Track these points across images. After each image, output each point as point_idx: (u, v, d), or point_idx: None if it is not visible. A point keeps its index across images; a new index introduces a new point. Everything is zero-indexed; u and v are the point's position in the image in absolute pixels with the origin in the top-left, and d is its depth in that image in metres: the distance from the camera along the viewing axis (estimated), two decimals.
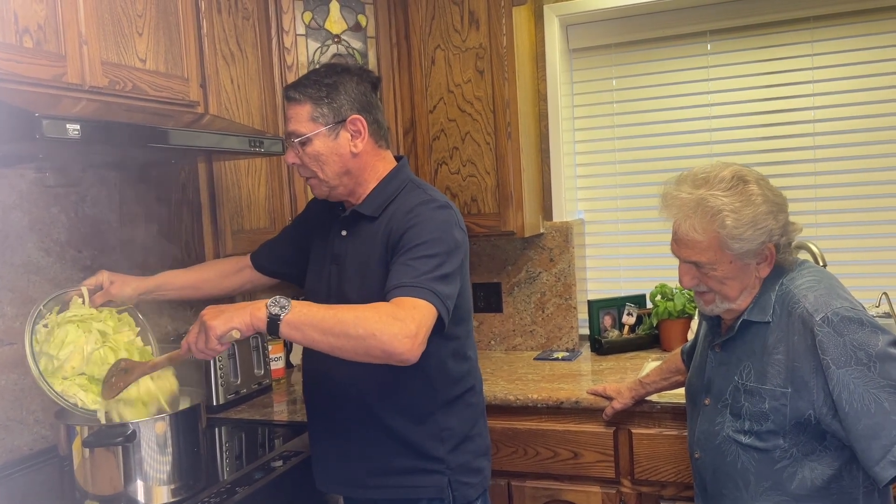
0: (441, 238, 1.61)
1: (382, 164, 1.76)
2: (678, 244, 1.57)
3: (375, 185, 1.74)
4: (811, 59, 2.69)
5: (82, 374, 1.60)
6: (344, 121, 1.68)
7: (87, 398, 1.59)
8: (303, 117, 1.68)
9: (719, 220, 1.48)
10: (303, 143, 1.68)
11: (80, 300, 1.71)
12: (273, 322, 1.41)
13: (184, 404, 1.72)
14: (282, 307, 1.42)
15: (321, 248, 1.83)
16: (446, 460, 1.71)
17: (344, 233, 1.77)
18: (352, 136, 1.69)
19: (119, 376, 1.59)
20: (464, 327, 1.77)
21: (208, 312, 1.44)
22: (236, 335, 1.42)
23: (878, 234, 2.67)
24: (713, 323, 1.68)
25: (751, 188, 1.50)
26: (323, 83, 1.68)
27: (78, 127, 1.38)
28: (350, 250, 1.74)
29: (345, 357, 1.45)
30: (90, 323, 1.65)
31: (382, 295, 1.54)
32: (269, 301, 1.43)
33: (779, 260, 1.55)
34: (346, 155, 1.69)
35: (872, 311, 2.32)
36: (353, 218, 1.75)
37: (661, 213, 1.58)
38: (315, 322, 1.42)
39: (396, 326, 1.42)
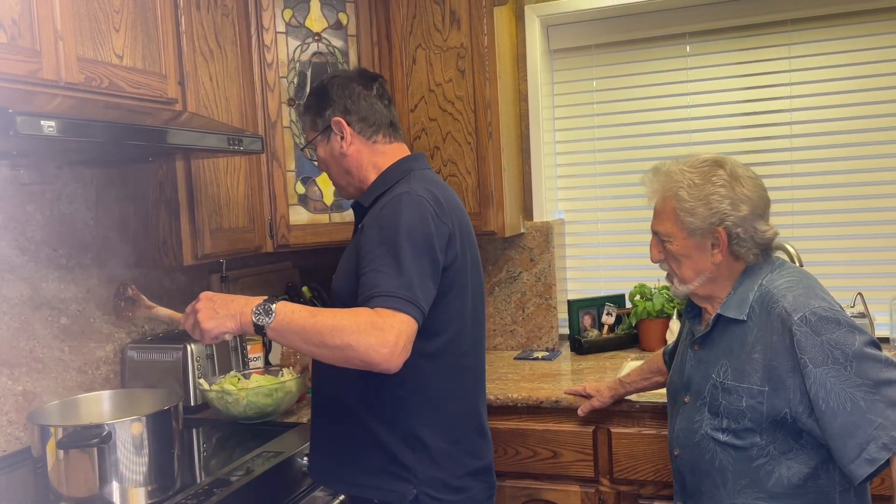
0: (410, 234, 1.54)
1: (384, 159, 1.76)
2: (653, 215, 1.65)
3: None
4: (789, 61, 2.72)
5: None
6: (329, 125, 1.74)
7: None
8: (307, 127, 1.83)
9: (674, 191, 1.57)
10: (313, 150, 1.82)
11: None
12: (259, 330, 1.45)
13: (159, 405, 1.70)
14: (267, 314, 1.44)
15: None
16: (413, 469, 1.63)
17: (360, 226, 1.75)
18: (340, 137, 1.74)
19: (127, 304, 1.69)
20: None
21: (203, 310, 1.46)
22: (228, 338, 1.50)
23: (853, 234, 2.70)
24: (693, 322, 1.69)
25: (719, 171, 1.56)
26: (313, 93, 1.80)
27: (53, 124, 1.36)
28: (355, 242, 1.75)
29: (330, 363, 1.46)
30: None
31: (349, 287, 1.57)
32: (254, 308, 1.44)
33: (734, 252, 1.56)
34: (339, 156, 1.76)
35: (847, 311, 2.35)
36: (358, 211, 1.77)
37: (644, 187, 1.67)
38: (296, 330, 1.44)
39: (374, 337, 1.39)
